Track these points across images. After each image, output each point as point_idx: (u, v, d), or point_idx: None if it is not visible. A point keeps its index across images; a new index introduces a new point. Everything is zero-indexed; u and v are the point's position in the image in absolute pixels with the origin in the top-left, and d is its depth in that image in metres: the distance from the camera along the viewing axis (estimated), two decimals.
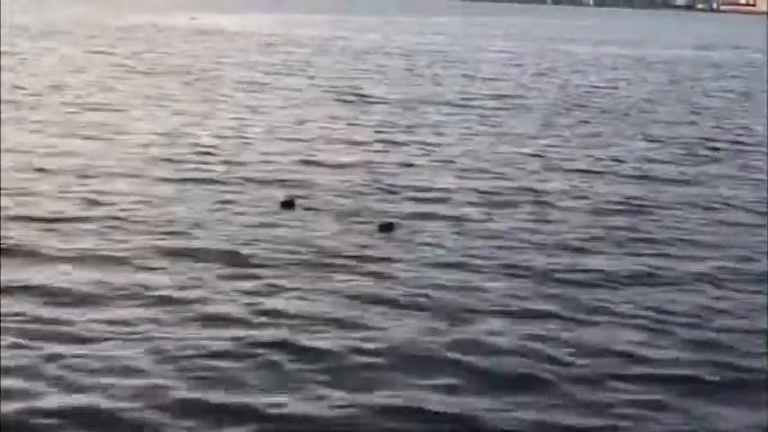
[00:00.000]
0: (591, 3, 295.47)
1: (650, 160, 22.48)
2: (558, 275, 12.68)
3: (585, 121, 29.28)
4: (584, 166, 21.23)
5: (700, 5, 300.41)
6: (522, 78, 43.65)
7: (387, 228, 14.66)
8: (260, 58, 48.53)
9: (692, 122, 30.40)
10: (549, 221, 15.85)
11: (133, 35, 62.04)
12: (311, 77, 39.17)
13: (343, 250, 13.35)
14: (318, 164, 20.04)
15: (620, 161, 22.19)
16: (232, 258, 12.71)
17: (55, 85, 32.17)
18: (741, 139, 27.02)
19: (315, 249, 13.30)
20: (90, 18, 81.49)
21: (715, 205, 17.72)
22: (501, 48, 67.79)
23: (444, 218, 15.70)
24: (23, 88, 30.55)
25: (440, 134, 25.10)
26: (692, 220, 16.35)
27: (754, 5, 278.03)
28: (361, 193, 17.36)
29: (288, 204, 15.99)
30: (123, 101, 28.78)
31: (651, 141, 25.62)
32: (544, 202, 17.25)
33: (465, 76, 43.41)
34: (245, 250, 13.11)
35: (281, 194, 16.57)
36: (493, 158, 21.77)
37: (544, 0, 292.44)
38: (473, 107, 31.50)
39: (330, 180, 18.37)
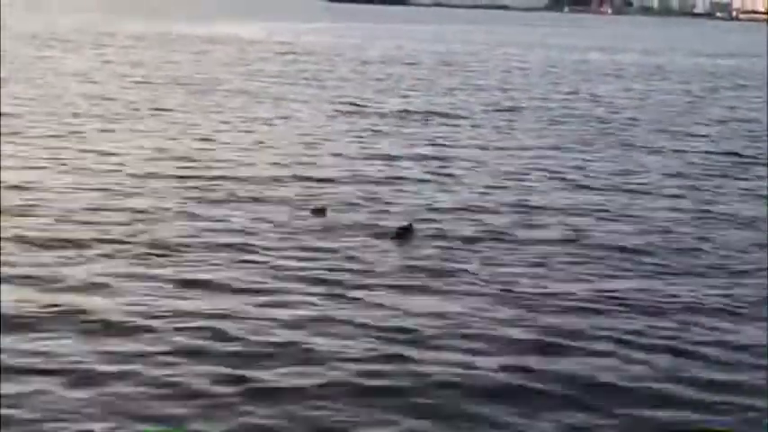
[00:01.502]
0: (609, 11, 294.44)
1: (663, 177, 21.68)
2: (564, 301, 12.05)
3: (592, 132, 28.57)
4: (590, 183, 20.53)
5: (719, 14, 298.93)
6: (537, 89, 42.82)
7: (402, 234, 14.84)
8: (266, 66, 47.97)
9: (709, 135, 29.57)
10: (553, 242, 15.18)
11: (140, 43, 61.64)
12: (318, 87, 38.55)
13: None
14: (324, 178, 19.51)
15: (633, 177, 21.46)
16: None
17: (56, 95, 31.66)
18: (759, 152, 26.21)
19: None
20: (97, 26, 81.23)
21: (727, 232, 16.68)
22: (516, 56, 67.05)
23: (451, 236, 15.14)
24: (20, 98, 30.07)
25: (447, 147, 24.45)
26: (704, 249, 15.40)
27: None
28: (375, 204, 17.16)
29: (319, 212, 16.12)
30: (126, 114, 28.22)
31: (665, 156, 24.79)
32: (547, 219, 16.63)
33: (473, 85, 42.69)
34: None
35: (287, 212, 16.17)
36: (498, 173, 21.14)
37: (561, 8, 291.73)
38: (480, 119, 30.78)
39: (336, 193, 18.00)
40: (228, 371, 9.46)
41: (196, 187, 18.01)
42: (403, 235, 14.89)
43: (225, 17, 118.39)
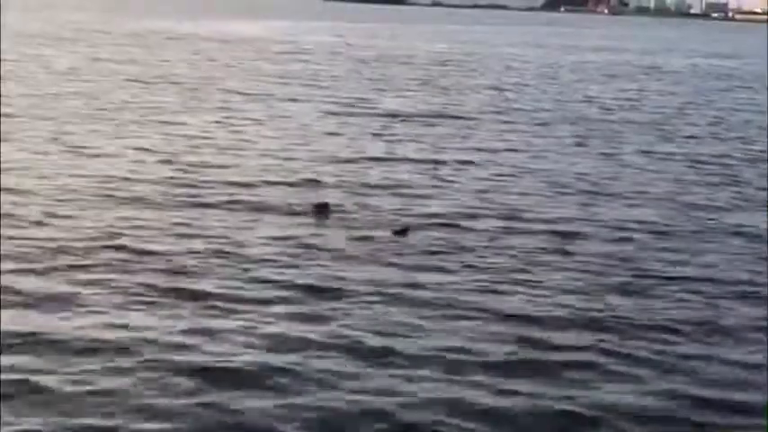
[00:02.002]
0: (605, 12, 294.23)
1: (653, 181, 21.47)
2: (544, 317, 11.71)
3: (585, 134, 28.41)
4: (587, 187, 20.32)
5: (714, 14, 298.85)
6: (531, 90, 42.60)
7: (401, 232, 15.17)
8: (262, 65, 47.74)
9: (703, 138, 29.36)
10: (543, 251, 14.93)
11: (135, 42, 61.36)
12: (313, 87, 38.33)
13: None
14: (314, 179, 19.30)
15: (623, 181, 21.27)
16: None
17: (51, 94, 31.45)
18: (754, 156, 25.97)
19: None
20: (93, 24, 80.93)
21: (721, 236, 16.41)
22: (511, 56, 66.85)
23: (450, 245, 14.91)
24: (9, 97, 29.81)
25: (438, 149, 24.27)
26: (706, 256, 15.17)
27: None
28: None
29: (322, 208, 16.24)
30: (115, 113, 28.02)
31: (661, 159, 24.53)
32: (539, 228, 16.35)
33: (468, 86, 42.49)
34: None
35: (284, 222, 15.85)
36: (488, 176, 21.00)
37: (558, 8, 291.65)
38: (473, 120, 30.56)
39: (325, 195, 17.75)
40: (198, 389, 9.20)
41: (182, 190, 17.75)
42: (399, 234, 15.08)
43: (222, 16, 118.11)
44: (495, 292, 12.56)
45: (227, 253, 13.71)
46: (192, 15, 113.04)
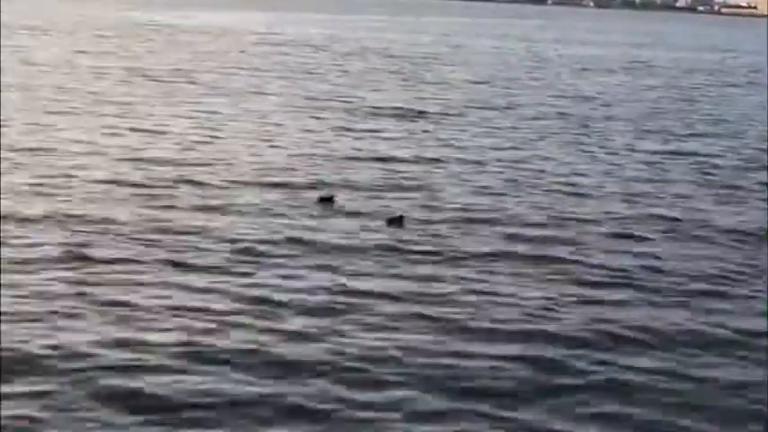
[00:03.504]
0: (591, 4, 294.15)
1: (646, 186, 20.54)
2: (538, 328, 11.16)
3: (561, 130, 27.79)
4: (562, 187, 19.66)
5: (700, 8, 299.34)
6: (518, 84, 41.90)
7: (396, 222, 15.25)
8: (244, 58, 47.00)
9: (681, 135, 28.68)
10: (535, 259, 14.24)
11: (119, 33, 60.51)
12: (289, 80, 37.58)
13: None
14: (283, 183, 18.51)
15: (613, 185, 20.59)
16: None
17: (23, 86, 30.65)
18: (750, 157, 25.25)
19: None
20: (87, 17, 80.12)
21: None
22: (500, 50, 66.23)
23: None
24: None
25: (407, 147, 23.57)
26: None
27: (755, 8, 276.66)
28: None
29: (326, 200, 16.31)
30: (86, 105, 27.27)
31: (651, 157, 23.82)
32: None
33: (449, 80, 41.80)
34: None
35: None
36: (455, 173, 20.43)
37: (545, 0, 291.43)
38: (448, 116, 29.78)
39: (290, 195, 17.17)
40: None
41: (138, 190, 17.01)
42: (395, 223, 15.12)
43: (214, 6, 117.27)
44: (447, 304, 11.96)
45: (180, 261, 13.03)
46: (183, 6, 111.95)
